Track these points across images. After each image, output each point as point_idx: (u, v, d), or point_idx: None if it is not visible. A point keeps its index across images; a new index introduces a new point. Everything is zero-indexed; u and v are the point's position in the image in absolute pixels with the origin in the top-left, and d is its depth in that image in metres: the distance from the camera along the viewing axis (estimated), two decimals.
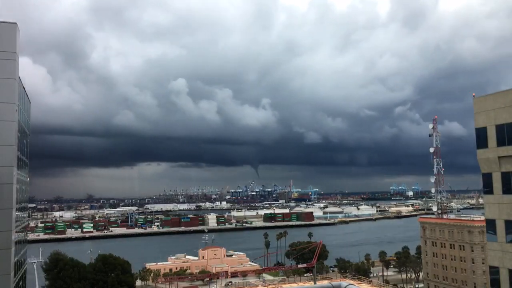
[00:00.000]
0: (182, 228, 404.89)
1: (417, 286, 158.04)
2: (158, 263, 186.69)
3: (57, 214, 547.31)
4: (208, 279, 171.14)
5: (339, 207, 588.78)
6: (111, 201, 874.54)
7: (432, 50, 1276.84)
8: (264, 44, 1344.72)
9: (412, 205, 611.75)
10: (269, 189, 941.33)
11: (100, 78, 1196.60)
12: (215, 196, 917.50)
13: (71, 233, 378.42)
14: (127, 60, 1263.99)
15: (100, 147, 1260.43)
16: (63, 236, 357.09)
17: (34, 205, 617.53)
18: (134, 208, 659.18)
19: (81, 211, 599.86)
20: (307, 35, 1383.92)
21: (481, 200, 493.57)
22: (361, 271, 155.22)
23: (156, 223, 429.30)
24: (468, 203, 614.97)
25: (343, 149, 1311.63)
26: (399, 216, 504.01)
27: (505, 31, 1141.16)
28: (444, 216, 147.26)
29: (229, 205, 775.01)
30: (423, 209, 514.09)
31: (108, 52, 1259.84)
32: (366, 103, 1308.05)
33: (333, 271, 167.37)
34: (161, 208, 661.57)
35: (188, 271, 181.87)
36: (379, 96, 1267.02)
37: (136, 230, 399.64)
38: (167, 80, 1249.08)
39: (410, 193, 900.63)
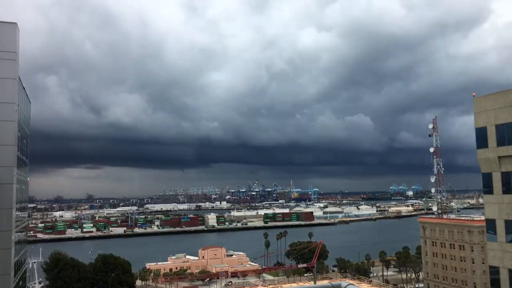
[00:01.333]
0: (182, 228, 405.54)
1: (417, 286, 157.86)
2: (158, 263, 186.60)
3: (57, 214, 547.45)
4: (208, 279, 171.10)
5: (339, 207, 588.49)
6: (111, 201, 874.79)
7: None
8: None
9: (412, 205, 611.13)
10: (269, 189, 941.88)
11: None
12: (215, 196, 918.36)
13: (71, 233, 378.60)
14: None
15: None
16: (63, 236, 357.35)
17: (34, 205, 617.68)
18: (134, 208, 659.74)
19: (81, 211, 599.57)
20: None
21: (481, 200, 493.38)
22: (361, 271, 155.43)
23: (156, 223, 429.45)
24: (468, 203, 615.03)
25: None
26: (399, 216, 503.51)
27: None
28: (444, 216, 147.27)
29: (229, 205, 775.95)
30: (423, 209, 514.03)
31: None
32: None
33: (333, 271, 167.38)
34: (161, 208, 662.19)
35: (188, 271, 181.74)
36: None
37: (136, 230, 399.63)
38: None
39: (410, 193, 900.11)
